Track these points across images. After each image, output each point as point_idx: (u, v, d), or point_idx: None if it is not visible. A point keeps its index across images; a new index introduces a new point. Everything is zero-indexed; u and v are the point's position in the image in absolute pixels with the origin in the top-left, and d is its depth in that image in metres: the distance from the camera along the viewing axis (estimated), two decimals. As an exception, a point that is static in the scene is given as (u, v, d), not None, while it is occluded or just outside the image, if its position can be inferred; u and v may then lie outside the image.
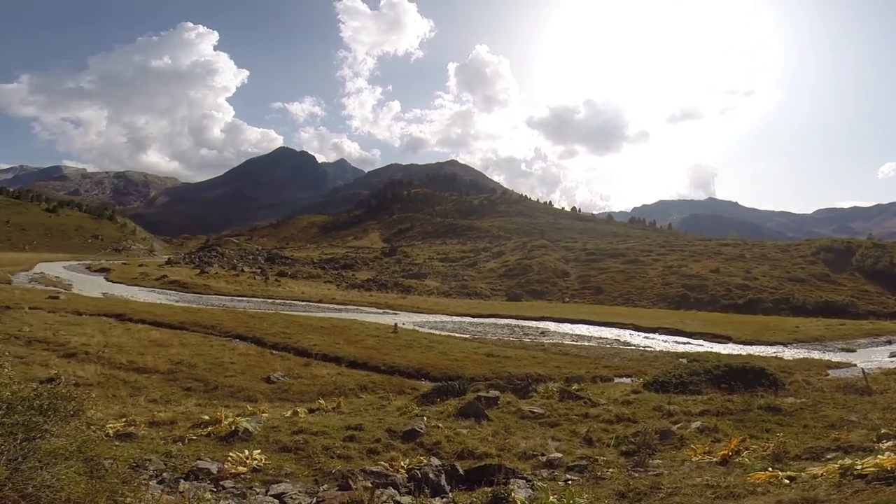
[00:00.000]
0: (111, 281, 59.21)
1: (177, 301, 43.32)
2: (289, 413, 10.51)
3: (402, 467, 7.22)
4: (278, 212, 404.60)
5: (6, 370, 4.75)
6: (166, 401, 13.18)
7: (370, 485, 6.08)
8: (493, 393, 12.34)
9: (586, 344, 28.95)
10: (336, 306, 47.00)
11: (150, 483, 6.05)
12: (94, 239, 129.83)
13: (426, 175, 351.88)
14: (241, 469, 6.73)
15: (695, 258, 74.82)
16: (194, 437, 8.16)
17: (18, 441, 4.02)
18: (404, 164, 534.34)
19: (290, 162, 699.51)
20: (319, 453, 7.52)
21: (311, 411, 10.97)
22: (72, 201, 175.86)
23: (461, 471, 7.26)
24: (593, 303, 61.67)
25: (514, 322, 40.35)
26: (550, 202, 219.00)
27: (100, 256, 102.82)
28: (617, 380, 19.20)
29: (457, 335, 30.76)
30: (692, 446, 8.44)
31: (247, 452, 7.24)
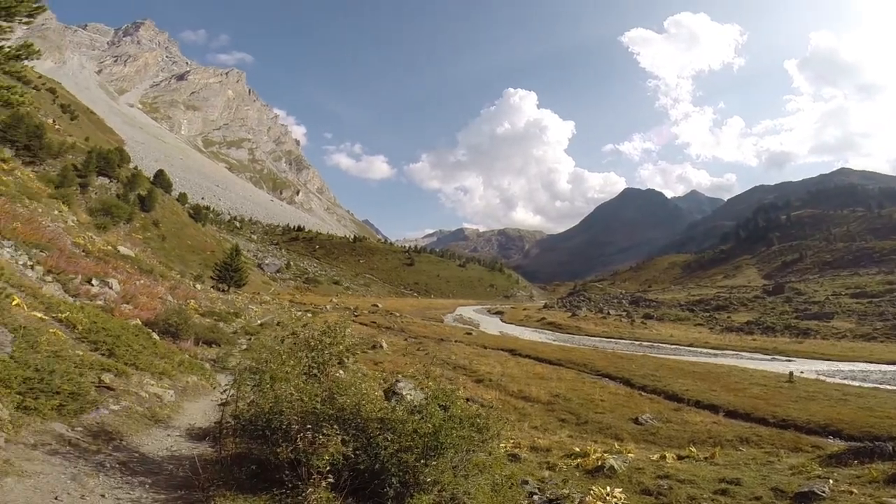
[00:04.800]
0: (504, 322, 72.15)
1: (553, 340, 48.84)
2: (655, 456, 10.22)
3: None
4: (634, 254, 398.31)
5: (459, 391, 6.03)
6: (544, 429, 15.01)
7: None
8: (954, 458, 8.42)
9: None
10: (710, 351, 42.83)
11: (524, 503, 6.70)
12: (490, 288, 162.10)
13: (807, 192, 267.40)
14: (601, 505, 6.91)
15: None
16: (564, 467, 8.96)
17: (463, 451, 4.72)
18: (771, 184, 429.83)
19: (637, 202, 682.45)
20: (683, 502, 7.05)
21: (679, 458, 10.29)
22: (473, 257, 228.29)
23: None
24: None
25: None
26: None
27: (495, 302, 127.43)
28: None
29: (889, 387, 23.45)
30: None
31: (608, 489, 7.37)
